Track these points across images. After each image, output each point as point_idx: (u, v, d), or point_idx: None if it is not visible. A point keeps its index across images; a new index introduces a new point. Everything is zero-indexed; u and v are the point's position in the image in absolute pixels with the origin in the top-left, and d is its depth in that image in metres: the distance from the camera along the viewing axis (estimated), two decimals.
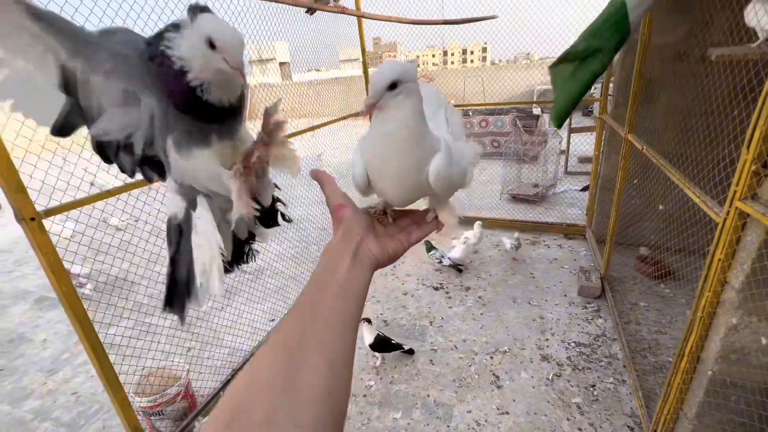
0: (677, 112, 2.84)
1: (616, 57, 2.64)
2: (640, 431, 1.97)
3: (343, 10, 2.53)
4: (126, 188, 1.67)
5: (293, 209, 3.84)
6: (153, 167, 0.59)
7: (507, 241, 3.73)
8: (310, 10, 2.43)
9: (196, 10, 0.48)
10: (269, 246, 3.56)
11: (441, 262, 3.57)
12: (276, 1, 2.11)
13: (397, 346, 2.49)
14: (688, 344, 1.59)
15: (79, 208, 1.50)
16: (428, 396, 2.28)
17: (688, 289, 2.90)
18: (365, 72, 4.31)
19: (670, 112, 2.96)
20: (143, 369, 2.18)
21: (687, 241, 2.32)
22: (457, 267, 3.56)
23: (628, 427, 2.00)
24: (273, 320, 3.12)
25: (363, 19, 3.99)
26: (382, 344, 2.46)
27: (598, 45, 1.64)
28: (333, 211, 0.50)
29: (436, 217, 0.56)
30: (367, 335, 2.47)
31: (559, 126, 1.94)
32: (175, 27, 0.49)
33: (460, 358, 2.55)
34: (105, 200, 1.61)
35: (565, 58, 1.77)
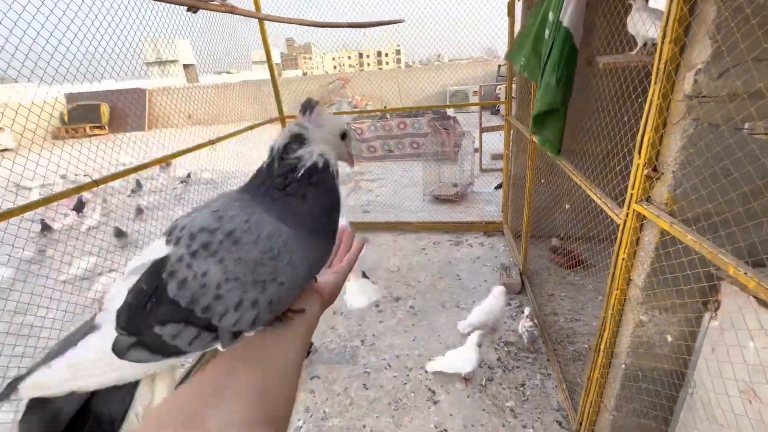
0: (575, 113, 3.05)
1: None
2: (567, 424, 2.03)
3: (233, 10, 2.24)
4: None
5: None
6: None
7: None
8: (192, 8, 2.10)
9: (310, 107, 0.48)
10: None
11: None
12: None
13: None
14: (602, 340, 1.64)
15: None
16: (364, 427, 2.12)
17: (596, 278, 3.15)
18: (272, 75, 4.00)
19: (571, 113, 3.18)
20: None
21: (595, 230, 2.49)
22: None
23: (557, 422, 2.05)
24: None
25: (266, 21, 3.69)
26: None
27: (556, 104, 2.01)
28: None
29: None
30: None
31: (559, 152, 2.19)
32: (298, 140, 0.47)
33: (395, 376, 2.44)
34: None
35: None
